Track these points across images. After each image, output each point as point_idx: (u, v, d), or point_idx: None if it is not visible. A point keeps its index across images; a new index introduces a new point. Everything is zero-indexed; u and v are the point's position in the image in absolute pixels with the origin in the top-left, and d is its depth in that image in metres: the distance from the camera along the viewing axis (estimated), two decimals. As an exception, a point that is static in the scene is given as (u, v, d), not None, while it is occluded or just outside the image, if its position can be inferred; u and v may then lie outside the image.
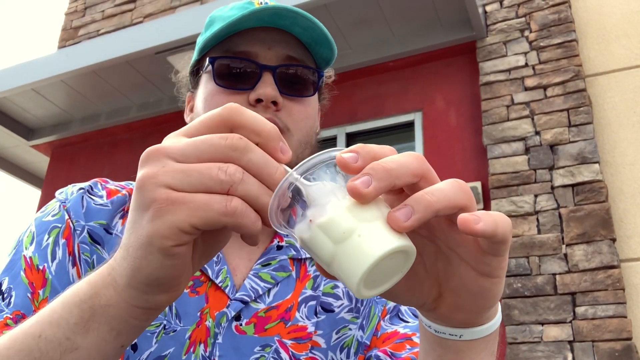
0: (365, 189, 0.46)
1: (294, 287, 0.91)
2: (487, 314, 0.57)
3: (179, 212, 0.46)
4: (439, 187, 0.49)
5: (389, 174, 0.47)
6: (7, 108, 5.60)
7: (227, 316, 0.85)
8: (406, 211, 0.46)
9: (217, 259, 0.89)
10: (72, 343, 0.52)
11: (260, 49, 0.90)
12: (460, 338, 0.58)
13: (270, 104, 0.88)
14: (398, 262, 0.49)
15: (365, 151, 0.49)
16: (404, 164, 0.48)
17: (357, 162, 0.48)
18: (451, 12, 4.26)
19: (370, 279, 0.47)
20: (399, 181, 0.47)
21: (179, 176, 0.47)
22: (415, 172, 0.49)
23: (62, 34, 6.51)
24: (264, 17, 0.89)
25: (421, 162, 0.49)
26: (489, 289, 0.53)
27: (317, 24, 0.91)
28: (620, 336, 3.12)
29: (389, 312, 0.94)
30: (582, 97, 3.80)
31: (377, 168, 0.47)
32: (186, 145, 0.49)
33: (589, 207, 3.48)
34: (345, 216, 0.47)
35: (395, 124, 4.48)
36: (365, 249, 0.46)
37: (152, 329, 0.83)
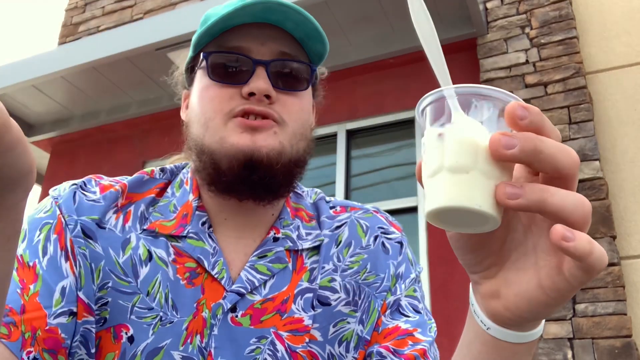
0: (503, 150, 0.46)
1: (290, 279, 0.91)
2: (524, 325, 0.56)
3: None
4: (563, 194, 0.47)
5: (535, 155, 0.46)
6: (7, 104, 5.60)
7: (223, 307, 0.86)
8: (516, 192, 0.46)
9: (214, 251, 0.89)
10: None
11: (253, 44, 0.91)
12: (487, 330, 0.57)
13: (263, 97, 0.88)
14: (478, 220, 0.48)
15: (537, 117, 0.48)
16: (554, 155, 0.47)
17: (523, 120, 0.47)
18: (452, 8, 4.25)
19: (444, 215, 0.48)
20: (538, 165, 0.47)
21: None
22: (558, 168, 0.47)
23: (62, 30, 6.49)
24: (256, 12, 0.89)
25: (572, 164, 0.48)
26: (536, 305, 0.52)
27: (309, 18, 0.91)
28: (620, 333, 3.12)
29: (389, 306, 0.94)
30: (582, 94, 3.79)
31: (529, 141, 0.46)
32: None
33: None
34: (472, 154, 0.47)
35: (395, 121, 4.48)
36: (460, 191, 0.47)
37: (149, 321, 0.84)
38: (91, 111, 5.64)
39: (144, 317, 0.84)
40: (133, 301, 0.84)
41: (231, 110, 0.88)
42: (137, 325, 0.83)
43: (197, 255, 0.89)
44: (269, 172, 0.86)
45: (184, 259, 0.89)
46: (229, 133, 0.87)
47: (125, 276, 0.86)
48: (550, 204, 0.46)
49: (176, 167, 1.02)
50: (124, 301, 0.84)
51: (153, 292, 0.85)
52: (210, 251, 0.89)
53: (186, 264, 0.88)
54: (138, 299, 0.85)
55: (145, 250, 0.88)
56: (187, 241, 0.90)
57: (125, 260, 0.87)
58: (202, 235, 0.91)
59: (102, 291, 0.85)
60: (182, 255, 0.89)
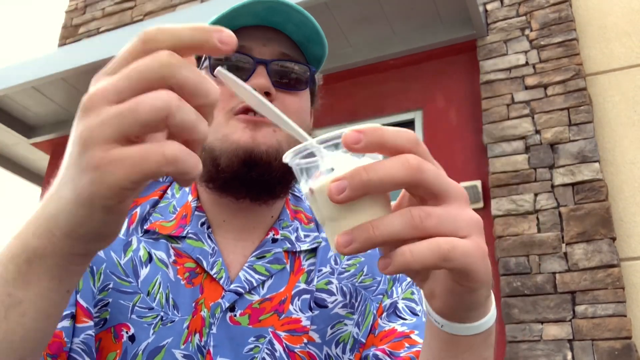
0: (337, 196, 0.47)
1: (287, 280, 0.92)
2: (464, 315, 0.56)
3: (118, 171, 0.43)
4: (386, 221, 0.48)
5: (366, 185, 0.47)
6: (8, 106, 5.60)
7: (221, 307, 0.86)
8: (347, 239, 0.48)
9: (213, 252, 0.90)
10: (14, 298, 0.51)
11: (255, 45, 0.94)
12: (441, 328, 0.58)
13: (262, 94, 0.88)
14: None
15: (372, 136, 0.48)
16: (389, 174, 0.47)
17: (358, 144, 0.47)
18: (452, 10, 4.26)
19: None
20: (376, 191, 0.48)
21: (114, 122, 0.43)
22: (402, 182, 0.48)
23: (63, 31, 6.50)
24: (258, 12, 0.92)
25: (412, 173, 0.47)
26: (461, 294, 0.53)
27: (310, 20, 0.94)
28: (620, 335, 3.12)
29: (385, 309, 0.94)
30: (582, 96, 3.79)
31: (356, 177, 0.47)
32: (117, 81, 0.44)
33: (589, 206, 3.48)
34: (329, 203, 0.49)
35: (395, 123, 4.48)
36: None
37: (149, 320, 0.84)
38: (91, 113, 5.63)
39: (144, 316, 0.84)
40: (134, 301, 0.85)
41: (232, 108, 0.90)
42: (137, 325, 0.84)
43: (196, 255, 0.90)
44: (267, 170, 0.88)
45: (184, 259, 0.90)
46: (231, 130, 0.89)
47: (126, 276, 0.87)
48: (378, 237, 0.47)
49: None
50: (125, 301, 0.85)
51: (153, 293, 0.86)
52: (209, 251, 0.90)
53: (186, 264, 0.89)
54: (139, 298, 0.85)
55: (145, 252, 0.89)
56: (187, 241, 0.91)
57: (126, 261, 0.88)
58: (201, 235, 0.92)
59: (103, 293, 0.85)
60: (182, 256, 0.90)
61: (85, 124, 0.44)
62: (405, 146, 0.49)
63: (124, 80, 0.44)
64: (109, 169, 0.43)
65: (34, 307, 0.51)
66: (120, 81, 0.44)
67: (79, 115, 0.46)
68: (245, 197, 0.92)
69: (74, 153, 0.46)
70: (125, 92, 0.44)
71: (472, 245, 0.48)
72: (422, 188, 0.49)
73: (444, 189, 0.49)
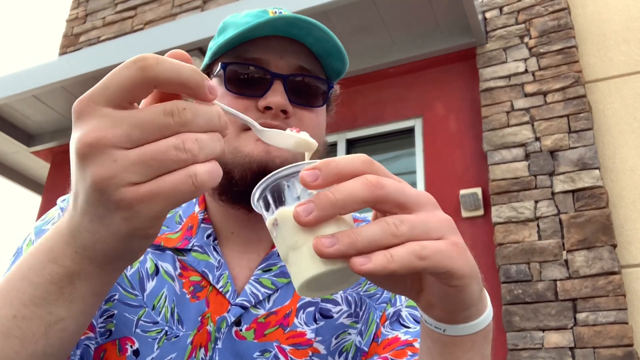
0: (305, 218, 0.49)
1: (292, 293, 0.91)
2: (464, 315, 0.57)
3: (153, 205, 0.46)
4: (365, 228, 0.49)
5: (333, 205, 0.49)
6: (8, 114, 5.61)
7: (227, 321, 0.85)
8: (331, 240, 0.49)
9: (219, 264, 0.89)
10: (55, 316, 0.53)
11: (272, 57, 0.90)
12: (444, 332, 0.59)
13: (279, 112, 0.88)
14: (343, 275, 0.52)
15: (329, 169, 0.50)
16: (352, 193, 0.49)
17: (316, 181, 0.50)
18: (451, 18, 4.27)
19: (314, 285, 0.52)
20: (344, 210, 0.49)
21: (139, 169, 0.45)
22: (364, 200, 0.50)
23: (63, 40, 6.52)
24: (279, 25, 0.89)
25: (373, 190, 0.50)
26: (453, 295, 0.54)
27: (331, 36, 0.91)
28: (622, 342, 3.11)
29: (388, 317, 0.94)
30: (582, 103, 3.80)
31: (322, 198, 0.49)
32: (130, 129, 0.46)
33: (590, 213, 3.48)
34: (299, 228, 0.51)
35: (395, 130, 4.49)
36: (307, 263, 0.50)
37: (154, 335, 0.83)
38: (91, 121, 5.64)
39: (149, 330, 0.84)
40: (139, 314, 0.84)
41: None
42: (142, 339, 0.83)
43: (201, 269, 0.88)
44: None
45: (189, 272, 0.89)
46: (243, 143, 0.87)
47: (132, 289, 0.86)
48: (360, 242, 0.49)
49: None
50: (130, 314, 0.84)
51: (158, 307, 0.85)
52: (215, 264, 0.89)
53: (191, 277, 0.88)
54: (143, 312, 0.84)
55: (152, 264, 0.88)
56: (192, 254, 0.89)
57: (132, 273, 0.87)
58: (207, 248, 0.90)
59: (109, 303, 0.84)
60: (187, 269, 0.89)
61: (101, 168, 0.45)
62: (361, 168, 0.51)
63: (139, 132, 0.46)
64: (144, 206, 0.46)
65: (75, 322, 0.54)
66: (133, 131, 0.46)
67: (85, 159, 0.46)
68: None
69: (96, 196, 0.47)
70: (139, 142, 0.46)
71: (446, 244, 0.51)
72: (386, 202, 0.51)
73: (408, 199, 0.51)
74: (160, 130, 0.46)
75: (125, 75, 0.46)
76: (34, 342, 0.53)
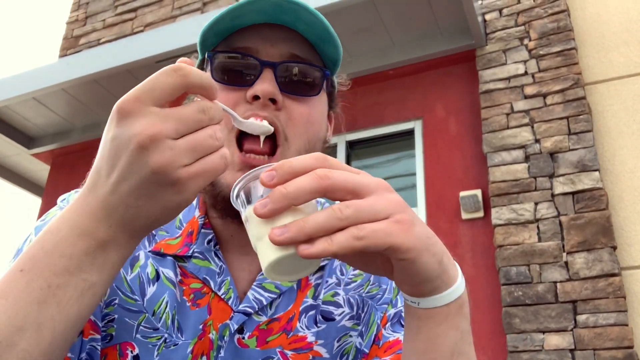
0: (261, 210, 0.56)
1: (295, 298, 0.90)
2: (429, 287, 0.61)
3: (199, 180, 0.59)
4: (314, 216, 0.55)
5: (284, 197, 0.55)
6: (8, 117, 5.62)
7: (229, 329, 0.85)
8: (282, 230, 0.55)
9: (220, 270, 0.88)
10: (89, 282, 0.59)
11: (262, 45, 0.87)
12: (418, 306, 0.63)
13: (268, 101, 0.84)
14: (302, 260, 0.57)
15: (283, 169, 0.56)
16: (300, 186, 0.55)
17: (272, 180, 0.56)
18: (451, 20, 4.28)
19: (279, 270, 0.59)
20: (296, 202, 0.55)
21: (189, 154, 0.58)
22: (313, 191, 0.55)
23: (63, 42, 6.53)
24: (265, 9, 0.85)
25: (320, 181, 0.55)
26: (406, 268, 0.58)
27: (321, 19, 0.87)
28: (622, 344, 3.10)
29: (389, 319, 0.93)
30: (581, 105, 3.80)
31: (275, 193, 0.55)
32: (177, 124, 0.58)
33: (590, 215, 3.48)
34: (260, 222, 0.58)
35: (395, 132, 4.49)
36: (268, 251, 0.57)
37: (154, 341, 0.83)
38: (92, 123, 5.65)
39: (149, 337, 0.83)
40: (139, 320, 0.83)
41: (232, 128, 0.85)
42: (142, 345, 0.82)
43: (202, 275, 0.87)
44: None
45: (190, 279, 0.87)
46: (230, 150, 0.83)
47: (132, 294, 0.84)
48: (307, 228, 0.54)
49: None
50: (130, 319, 0.83)
51: (159, 313, 0.84)
52: (216, 270, 0.88)
53: (191, 285, 0.87)
54: (144, 318, 0.83)
55: (153, 270, 0.86)
56: (193, 261, 0.88)
57: (132, 277, 0.85)
58: (207, 254, 0.89)
59: (109, 308, 0.83)
60: (188, 276, 0.87)
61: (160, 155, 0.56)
62: (314, 164, 0.57)
63: (184, 127, 0.58)
64: (193, 182, 0.58)
65: (103, 287, 0.61)
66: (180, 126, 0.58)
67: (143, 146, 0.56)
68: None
69: (147, 179, 0.57)
70: (184, 134, 0.58)
71: (386, 223, 0.55)
72: (335, 191, 0.56)
73: (357, 186, 0.57)
74: (197, 124, 0.59)
75: (170, 81, 0.58)
76: (69, 307, 0.58)
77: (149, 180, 0.57)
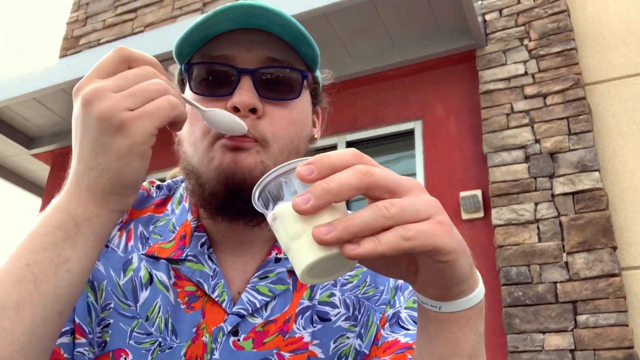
0: (303, 206, 0.53)
1: (291, 299, 0.90)
2: (457, 290, 0.60)
3: (145, 122, 0.62)
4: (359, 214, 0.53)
5: (327, 193, 0.53)
6: (8, 117, 5.62)
7: (223, 331, 0.84)
8: (328, 227, 0.52)
9: (214, 274, 0.87)
10: (63, 257, 0.62)
11: (238, 51, 0.84)
12: (440, 310, 0.62)
13: (248, 112, 0.82)
14: (339, 260, 0.55)
15: (321, 163, 0.54)
16: (344, 181, 0.53)
17: (312, 174, 0.54)
18: (451, 21, 4.28)
19: (315, 272, 0.56)
20: (338, 198, 0.53)
21: (130, 99, 0.62)
22: (356, 187, 0.53)
23: (64, 43, 6.53)
24: (236, 16, 0.82)
25: (363, 178, 0.54)
26: (443, 270, 0.57)
27: (292, 21, 0.84)
28: (622, 345, 3.10)
29: (388, 319, 0.93)
30: (581, 105, 3.80)
31: (317, 187, 0.53)
32: (118, 80, 0.64)
33: (590, 215, 3.48)
34: (298, 219, 0.55)
35: (395, 132, 4.49)
36: (307, 251, 0.54)
37: (147, 346, 0.82)
38: (92, 123, 5.64)
39: (142, 342, 0.83)
40: (132, 326, 0.83)
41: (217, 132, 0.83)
42: (135, 351, 0.82)
43: (196, 279, 0.87)
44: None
45: (184, 282, 0.87)
46: (214, 155, 0.83)
47: (125, 299, 0.84)
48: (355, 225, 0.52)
49: (174, 182, 0.99)
50: (124, 325, 0.83)
51: (152, 317, 0.84)
52: (210, 274, 0.87)
53: (186, 287, 0.87)
54: (137, 323, 0.83)
55: (146, 273, 0.86)
56: (186, 264, 0.88)
57: (125, 282, 0.85)
58: (201, 257, 0.88)
59: (105, 312, 0.83)
60: (182, 279, 0.87)
61: (101, 103, 0.62)
62: (352, 161, 0.55)
63: (124, 81, 0.64)
64: (137, 123, 0.62)
65: (78, 264, 0.63)
66: (120, 81, 0.64)
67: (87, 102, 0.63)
68: (237, 220, 0.86)
69: (100, 125, 0.62)
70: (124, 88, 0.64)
71: (430, 223, 0.54)
72: (376, 188, 0.54)
73: (397, 184, 0.55)
74: (138, 80, 0.64)
75: (110, 56, 0.66)
76: (46, 282, 0.61)
77: (97, 131, 0.62)
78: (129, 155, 0.62)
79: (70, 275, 0.62)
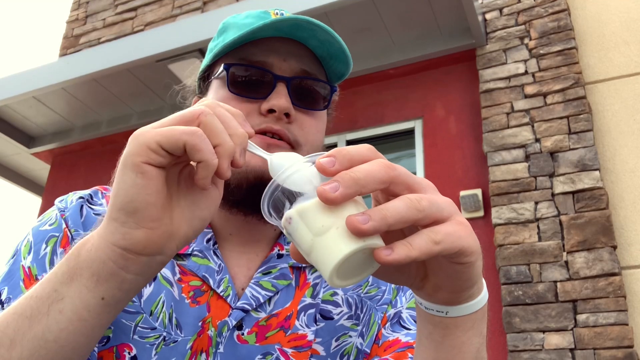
0: (332, 194, 0.51)
1: (293, 295, 0.91)
2: (468, 293, 0.60)
3: (148, 135, 0.56)
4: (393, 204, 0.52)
5: (356, 182, 0.51)
6: (8, 116, 5.62)
7: (228, 325, 0.85)
8: (364, 217, 0.51)
9: (219, 269, 0.89)
10: (58, 294, 0.59)
11: (276, 59, 0.90)
12: (446, 315, 0.61)
13: (282, 115, 0.88)
14: (367, 260, 0.54)
15: (342, 155, 0.54)
16: (370, 173, 0.52)
17: (334, 166, 0.53)
18: (451, 20, 4.28)
19: (342, 271, 0.53)
20: (365, 189, 0.52)
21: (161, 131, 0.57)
22: (382, 180, 0.53)
23: (64, 42, 6.53)
24: (282, 27, 0.88)
25: (388, 170, 0.53)
26: (462, 272, 0.57)
27: (336, 38, 0.90)
28: (622, 344, 3.11)
29: (389, 319, 0.93)
30: (582, 104, 3.80)
31: (346, 177, 0.52)
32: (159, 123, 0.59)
33: (590, 214, 3.48)
34: (324, 212, 0.53)
35: (395, 132, 4.49)
36: (338, 243, 0.51)
37: (152, 341, 0.83)
38: (92, 122, 5.65)
39: (146, 337, 0.83)
40: (136, 321, 0.83)
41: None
42: (140, 345, 0.82)
43: (202, 273, 0.88)
44: None
45: (189, 277, 0.88)
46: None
47: None
48: (390, 217, 0.51)
49: None
50: (128, 320, 0.83)
51: (156, 312, 0.84)
52: (215, 269, 0.89)
53: (191, 282, 0.88)
54: (141, 318, 0.84)
55: None
56: (192, 259, 0.89)
57: None
58: (206, 252, 0.90)
59: None
60: (187, 274, 0.88)
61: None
62: (370, 155, 0.55)
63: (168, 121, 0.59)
64: (141, 134, 0.57)
65: (71, 305, 0.59)
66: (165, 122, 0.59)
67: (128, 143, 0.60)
68: (252, 214, 0.90)
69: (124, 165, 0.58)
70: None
71: (453, 225, 0.54)
72: (399, 183, 0.54)
73: (416, 182, 0.55)
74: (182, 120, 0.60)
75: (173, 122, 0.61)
76: (38, 321, 0.58)
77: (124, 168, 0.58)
78: (122, 169, 0.57)
79: (62, 318, 0.59)
